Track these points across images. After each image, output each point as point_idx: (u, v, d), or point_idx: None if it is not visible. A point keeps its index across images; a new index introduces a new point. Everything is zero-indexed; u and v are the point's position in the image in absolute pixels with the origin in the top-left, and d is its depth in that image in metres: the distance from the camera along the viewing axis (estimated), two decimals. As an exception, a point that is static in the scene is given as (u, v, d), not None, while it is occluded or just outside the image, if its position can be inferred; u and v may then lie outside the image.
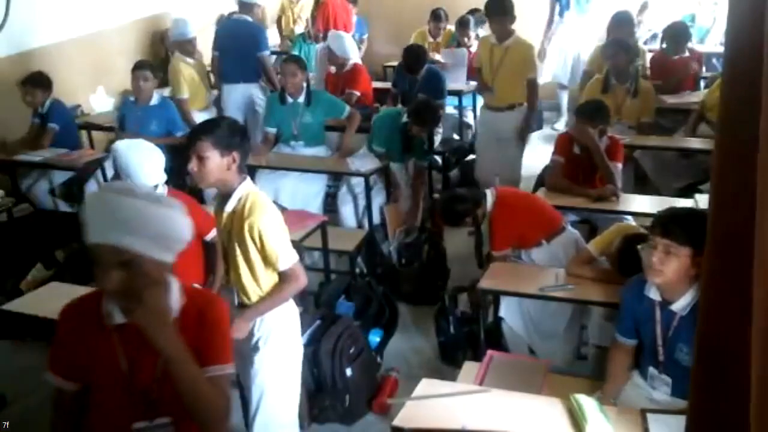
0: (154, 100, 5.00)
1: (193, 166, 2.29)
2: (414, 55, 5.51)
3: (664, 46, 5.68)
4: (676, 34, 5.54)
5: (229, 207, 2.36)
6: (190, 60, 5.63)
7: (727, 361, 0.83)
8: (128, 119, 4.97)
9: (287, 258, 2.38)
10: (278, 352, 2.47)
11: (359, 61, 5.99)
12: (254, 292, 2.41)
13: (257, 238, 2.31)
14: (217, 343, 1.68)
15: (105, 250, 1.53)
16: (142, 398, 1.65)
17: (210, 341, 1.67)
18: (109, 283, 1.54)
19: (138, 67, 4.98)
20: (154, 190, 2.77)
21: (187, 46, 5.64)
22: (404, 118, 4.45)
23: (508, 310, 3.17)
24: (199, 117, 5.12)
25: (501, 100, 4.89)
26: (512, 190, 3.69)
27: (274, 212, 2.38)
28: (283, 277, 2.41)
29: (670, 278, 2.25)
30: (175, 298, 1.68)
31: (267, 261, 2.36)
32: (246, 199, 2.34)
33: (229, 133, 2.32)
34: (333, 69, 5.86)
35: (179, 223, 1.63)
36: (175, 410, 1.65)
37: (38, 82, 4.95)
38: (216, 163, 2.28)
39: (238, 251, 2.36)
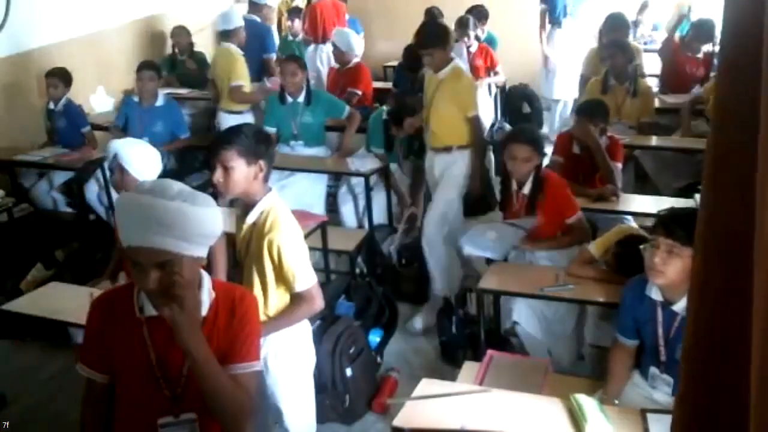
0: (160, 101, 4.98)
1: (218, 176, 2.21)
2: (414, 55, 5.50)
3: (685, 36, 5.65)
4: (703, 33, 5.45)
5: (251, 219, 2.27)
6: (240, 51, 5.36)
7: (720, 362, 0.82)
8: (132, 120, 4.96)
9: (305, 279, 2.26)
10: (289, 369, 2.39)
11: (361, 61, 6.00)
12: (261, 311, 2.29)
13: (276, 256, 2.21)
14: (245, 340, 1.69)
15: (143, 252, 1.54)
16: (168, 393, 1.66)
17: (238, 338, 1.67)
18: (148, 283, 1.56)
19: (143, 67, 4.96)
20: None
21: (238, 36, 5.34)
22: (384, 116, 4.44)
23: (520, 314, 3.14)
24: (233, 119, 4.97)
25: (436, 140, 4.02)
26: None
27: (296, 230, 2.29)
28: (297, 298, 2.29)
29: (672, 279, 2.25)
30: (207, 293, 1.70)
31: (280, 279, 2.26)
32: (268, 213, 2.24)
33: (255, 141, 2.24)
34: (336, 65, 5.86)
35: (212, 218, 1.63)
36: (200, 406, 1.66)
37: (63, 75, 4.95)
38: (243, 173, 2.21)
39: (253, 265, 2.27)
